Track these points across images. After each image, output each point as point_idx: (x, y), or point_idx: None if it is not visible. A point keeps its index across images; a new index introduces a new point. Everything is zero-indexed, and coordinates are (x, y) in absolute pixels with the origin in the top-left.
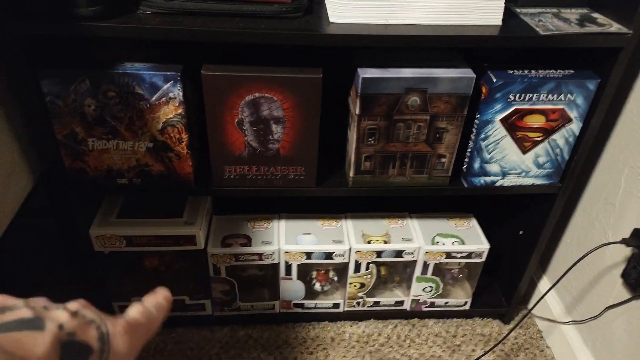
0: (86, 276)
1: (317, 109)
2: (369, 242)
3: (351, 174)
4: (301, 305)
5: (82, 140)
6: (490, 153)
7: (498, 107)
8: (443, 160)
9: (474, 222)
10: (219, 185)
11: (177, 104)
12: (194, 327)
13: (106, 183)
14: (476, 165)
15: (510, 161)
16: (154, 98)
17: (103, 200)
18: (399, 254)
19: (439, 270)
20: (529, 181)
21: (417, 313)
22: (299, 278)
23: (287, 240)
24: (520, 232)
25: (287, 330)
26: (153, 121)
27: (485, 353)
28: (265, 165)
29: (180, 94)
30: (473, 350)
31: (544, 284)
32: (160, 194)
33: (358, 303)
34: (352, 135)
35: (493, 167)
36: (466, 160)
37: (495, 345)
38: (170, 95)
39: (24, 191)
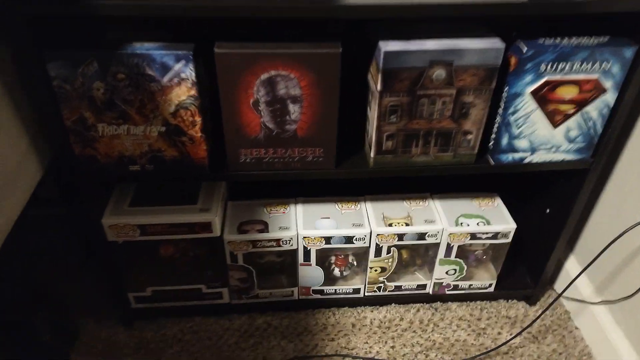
0: (100, 267)
1: (336, 86)
2: (390, 224)
3: (372, 154)
4: (320, 291)
5: (91, 126)
6: (519, 128)
7: (528, 78)
8: (469, 137)
9: (498, 202)
10: (235, 169)
11: (190, 85)
12: (212, 316)
13: (117, 170)
14: (504, 141)
15: (540, 136)
16: (165, 79)
17: (115, 189)
18: (421, 236)
19: (463, 252)
20: (559, 157)
21: (439, 296)
22: (317, 264)
23: (305, 225)
24: (547, 211)
25: (306, 317)
26: (165, 104)
27: (515, 336)
28: (282, 147)
29: (193, 74)
30: (499, 333)
31: (571, 263)
32: (173, 180)
33: (379, 288)
34: (373, 113)
35: (522, 143)
36: (493, 136)
37: (525, 329)
38: (182, 75)
39: (34, 180)
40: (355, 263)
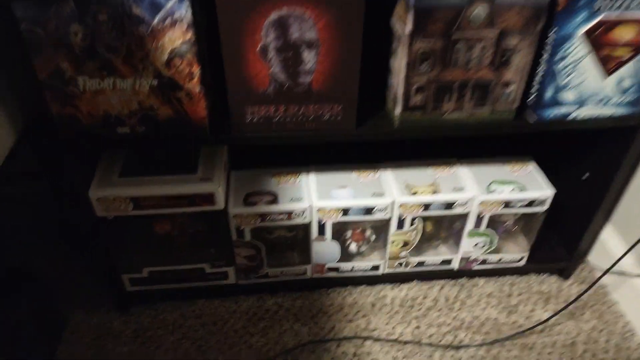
0: (90, 247)
1: (359, 28)
2: (414, 193)
3: (397, 111)
4: (336, 269)
5: (70, 80)
6: (566, 77)
7: (580, 18)
8: (509, 89)
9: (533, 166)
10: (240, 131)
11: (185, 28)
12: (217, 298)
13: (104, 133)
14: (548, 93)
15: (589, 87)
16: (155, 20)
17: (102, 157)
18: (449, 206)
19: (493, 222)
20: (608, 111)
21: (465, 272)
22: (333, 238)
23: (319, 195)
24: (585, 176)
25: (321, 297)
26: (156, 51)
27: (556, 314)
28: (295, 103)
29: (189, 13)
30: (532, 310)
31: (608, 233)
32: (168, 145)
33: (400, 264)
34: (400, 62)
35: (568, 95)
36: (535, 88)
37: (567, 306)
38: (176, 15)
39: (4, 148)
40: (373, 237)
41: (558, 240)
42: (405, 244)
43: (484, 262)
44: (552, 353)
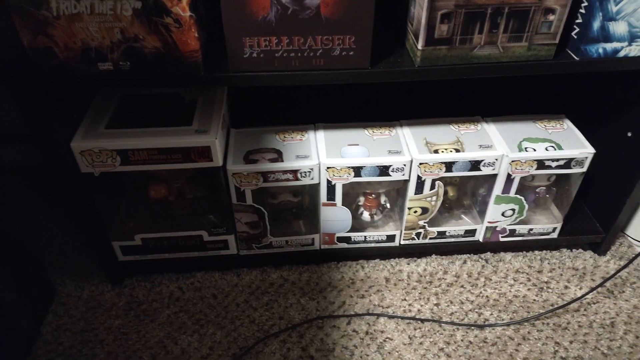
0: (74, 209)
1: None
2: (435, 152)
3: (420, 45)
4: (347, 239)
5: (42, 1)
6: (618, 4)
7: None
8: (551, 17)
9: (568, 124)
10: (238, 68)
11: None
12: (217, 270)
13: (83, 69)
14: (595, 25)
15: None
16: None
17: (89, 107)
18: (475, 165)
19: (523, 189)
20: None
21: (490, 245)
22: (344, 204)
23: (328, 153)
24: (629, 134)
25: (330, 270)
26: None
27: (593, 290)
28: (300, 34)
29: None
30: (566, 287)
31: None
32: (157, 83)
33: (418, 235)
34: None
35: (619, 28)
36: (579, 19)
37: (605, 281)
38: None
39: None
40: (388, 205)
41: (593, 213)
42: (425, 210)
43: (512, 233)
44: (589, 334)
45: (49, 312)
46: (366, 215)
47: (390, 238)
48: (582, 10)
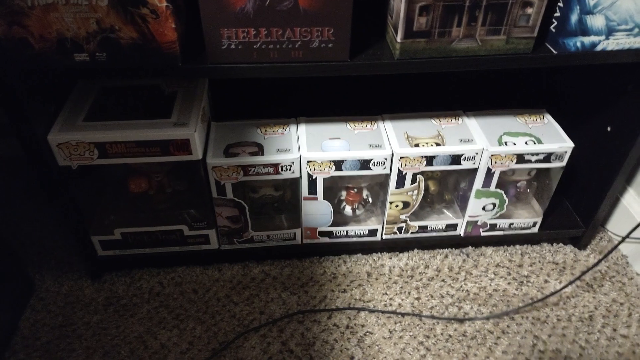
0: (53, 202)
1: None
2: (416, 145)
3: (399, 38)
4: (329, 234)
5: None
6: None
7: None
8: (529, 10)
9: (548, 118)
10: (216, 60)
11: None
12: (198, 265)
13: (59, 60)
14: (573, 18)
15: (622, 10)
16: None
17: (67, 101)
18: (455, 159)
19: (503, 183)
20: None
21: (471, 240)
22: (325, 198)
23: (309, 147)
24: (608, 129)
25: (312, 265)
26: None
27: (571, 283)
28: (278, 26)
29: None
30: (545, 282)
31: (629, 196)
32: (133, 75)
33: (400, 229)
34: None
35: (597, 21)
36: (558, 13)
37: (581, 275)
38: None
39: None
40: (370, 200)
41: (573, 207)
42: (406, 205)
43: (492, 227)
44: (568, 327)
45: (27, 307)
46: (348, 210)
47: (372, 232)
48: (560, 4)
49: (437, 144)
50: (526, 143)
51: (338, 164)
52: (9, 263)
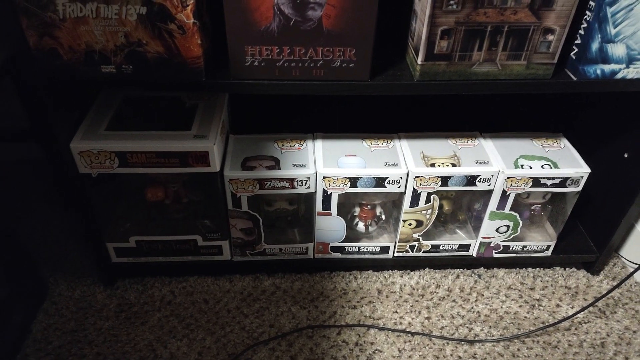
0: (70, 208)
1: None
2: (432, 165)
3: (419, 60)
4: (341, 249)
5: (48, 3)
6: (617, 26)
7: None
8: (550, 37)
9: (565, 142)
10: (239, 76)
11: None
12: (210, 275)
13: (86, 71)
14: (594, 46)
15: None
16: None
17: (90, 109)
18: (471, 180)
19: (517, 205)
20: None
21: (482, 261)
22: (339, 214)
23: (325, 162)
24: (625, 155)
25: (322, 280)
26: None
27: (584, 309)
28: (301, 45)
29: None
30: (557, 306)
31: None
32: (159, 88)
33: (412, 247)
34: (424, 1)
35: (617, 50)
36: (578, 40)
37: (595, 301)
38: None
39: None
40: (383, 217)
41: (587, 232)
42: (419, 223)
43: (505, 249)
44: (579, 353)
45: (40, 311)
46: (361, 226)
47: (384, 250)
48: (581, 32)
49: (453, 165)
50: (542, 167)
51: (353, 181)
52: (24, 266)
